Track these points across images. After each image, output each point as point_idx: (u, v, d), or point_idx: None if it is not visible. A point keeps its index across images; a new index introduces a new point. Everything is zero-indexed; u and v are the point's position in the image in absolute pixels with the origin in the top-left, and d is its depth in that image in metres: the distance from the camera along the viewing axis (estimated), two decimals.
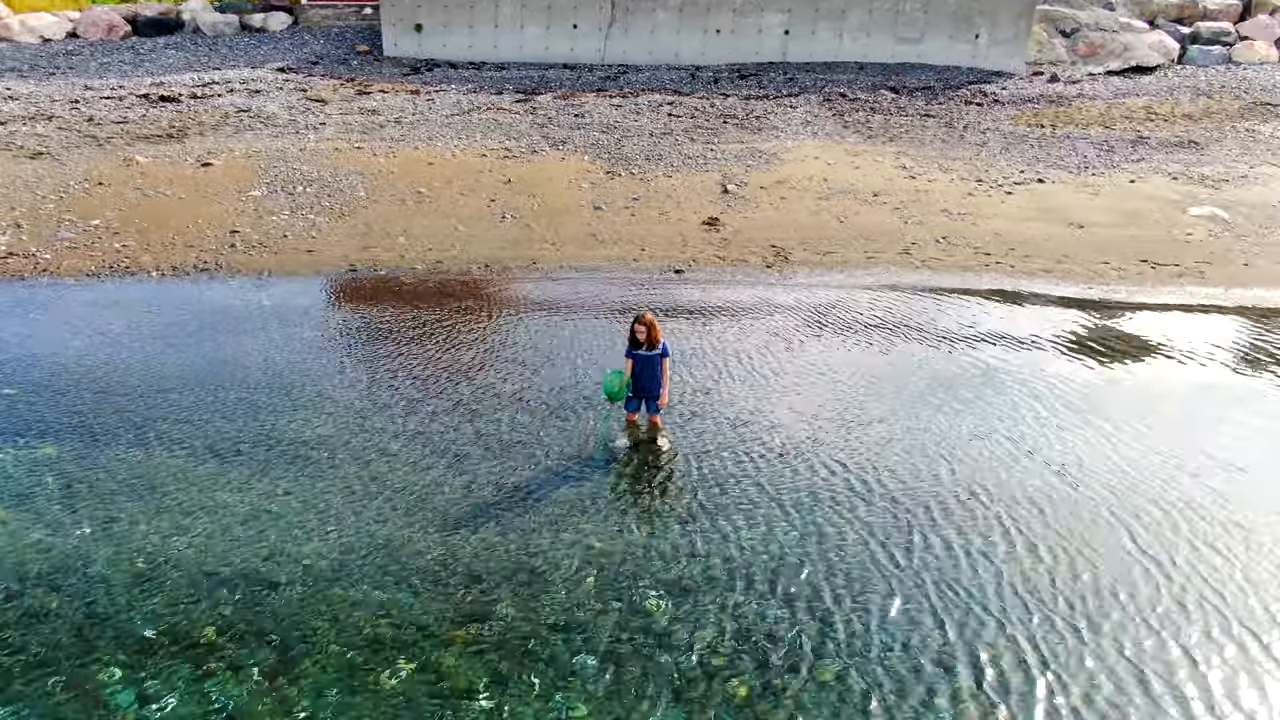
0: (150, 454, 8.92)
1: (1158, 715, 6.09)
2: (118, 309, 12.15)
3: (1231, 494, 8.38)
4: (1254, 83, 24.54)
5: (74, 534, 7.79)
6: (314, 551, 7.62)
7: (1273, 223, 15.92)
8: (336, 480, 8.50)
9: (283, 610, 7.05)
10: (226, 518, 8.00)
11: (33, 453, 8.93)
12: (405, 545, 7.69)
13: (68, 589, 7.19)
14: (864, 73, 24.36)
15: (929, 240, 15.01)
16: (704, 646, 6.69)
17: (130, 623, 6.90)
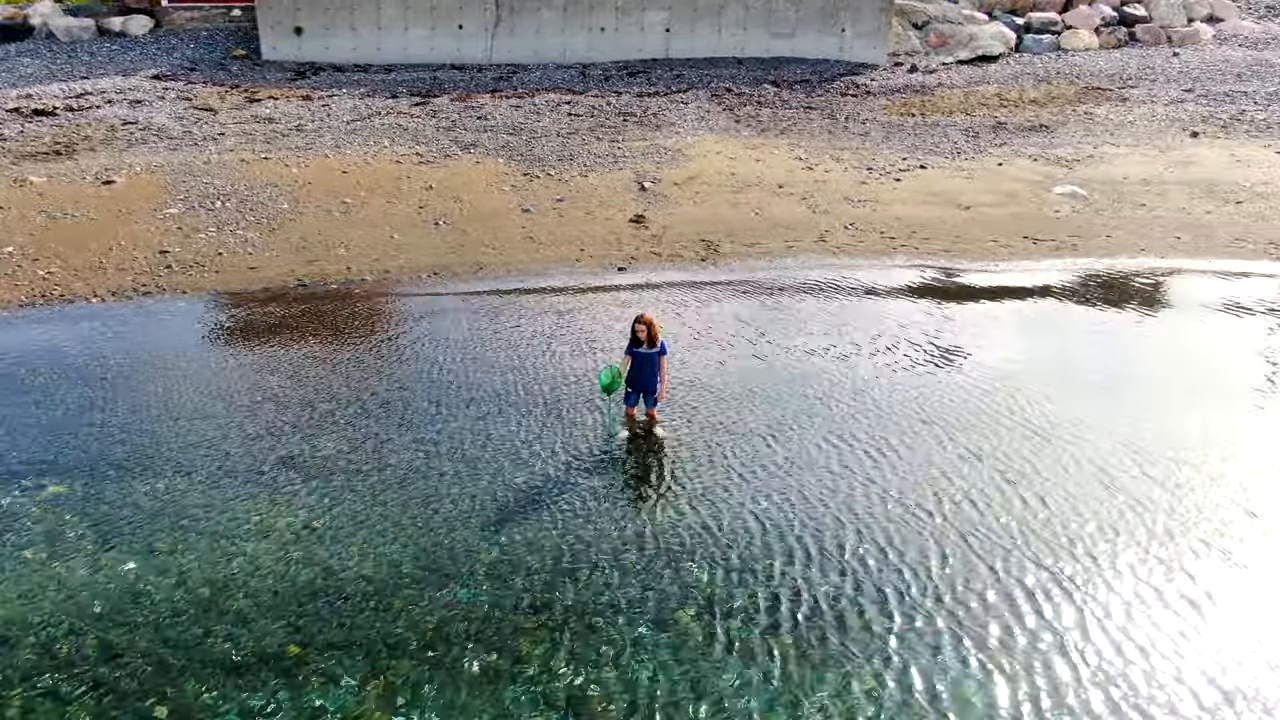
0: (175, 481, 8.98)
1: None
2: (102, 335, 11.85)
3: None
4: (1083, 68, 27.22)
5: (122, 569, 7.85)
6: (369, 563, 7.98)
7: (1122, 198, 18.02)
8: (369, 494, 8.84)
9: (356, 619, 7.42)
10: (274, 539, 8.22)
11: (42, 491, 8.84)
12: (456, 548, 8.15)
13: (138, 623, 7.31)
14: (743, 67, 25.58)
15: (839, 227, 16.26)
16: (748, 605, 7.52)
17: (213, 648, 7.11)
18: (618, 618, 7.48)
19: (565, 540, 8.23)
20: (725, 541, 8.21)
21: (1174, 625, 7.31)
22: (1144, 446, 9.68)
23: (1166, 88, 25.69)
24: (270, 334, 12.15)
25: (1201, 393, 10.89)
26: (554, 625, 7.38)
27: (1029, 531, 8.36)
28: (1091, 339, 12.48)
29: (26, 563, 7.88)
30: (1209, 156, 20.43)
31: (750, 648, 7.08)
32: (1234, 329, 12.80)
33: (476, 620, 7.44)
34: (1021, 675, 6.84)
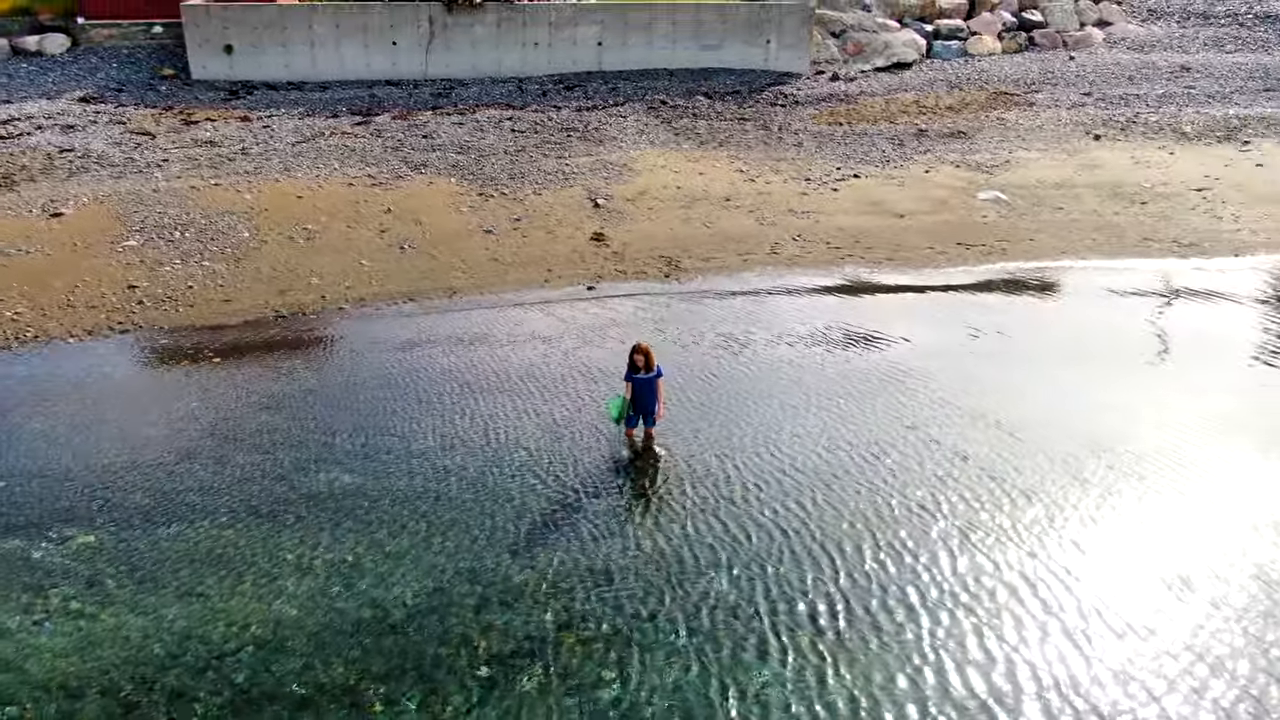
0: (202, 524, 9.21)
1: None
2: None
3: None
4: (990, 74, 28.82)
5: (172, 613, 8.11)
6: (409, 591, 8.42)
7: (1040, 202, 19.39)
8: (396, 527, 9.26)
9: (406, 647, 7.87)
10: (315, 575, 8.58)
11: (71, 542, 8.97)
12: (487, 572, 8.65)
13: (199, 666, 7.60)
14: (675, 78, 26.31)
15: (787, 239, 17.14)
16: (769, 612, 8.24)
17: (277, 684, 7.47)
18: (650, 626, 8.12)
19: (587, 557, 8.82)
20: (738, 543, 8.94)
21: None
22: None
23: (1067, 91, 27.45)
24: (271, 367, 12.36)
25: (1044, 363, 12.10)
26: (593, 638, 7.98)
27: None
28: (1008, 329, 13.62)
29: (76, 614, 8.08)
30: (1111, 159, 22.06)
31: (775, 646, 7.81)
32: (1129, 317, 14.14)
33: (519, 638, 7.98)
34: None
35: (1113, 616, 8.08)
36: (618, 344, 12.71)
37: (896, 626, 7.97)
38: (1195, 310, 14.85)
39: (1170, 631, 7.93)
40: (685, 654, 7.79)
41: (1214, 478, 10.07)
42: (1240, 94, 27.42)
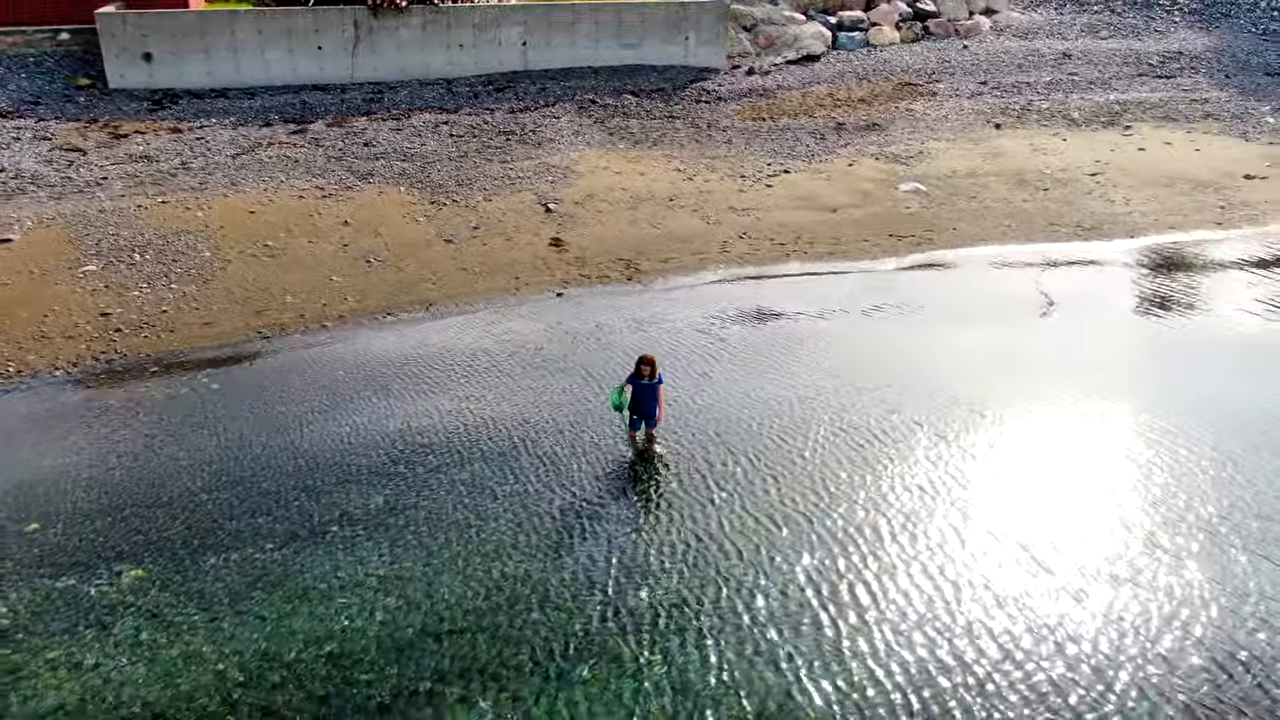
0: (246, 550, 9.62)
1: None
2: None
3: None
4: (893, 64, 30.38)
5: (242, 636, 8.58)
6: (460, 597, 9.09)
7: (956, 191, 20.92)
8: (434, 537, 9.87)
9: (470, 649, 8.56)
10: (366, 588, 9.15)
11: (123, 577, 9.29)
12: (526, 573, 9.38)
13: (279, 683, 8.12)
14: (599, 77, 26.91)
15: (734, 237, 18.14)
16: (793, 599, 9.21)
17: (356, 694, 8.07)
18: (686, 612, 9.01)
19: (616, 555, 9.64)
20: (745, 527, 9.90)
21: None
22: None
23: (965, 81, 29.21)
24: (273, 388, 12.65)
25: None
26: (635, 628, 8.82)
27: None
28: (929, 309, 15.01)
29: (149, 644, 8.47)
30: (1012, 147, 23.81)
31: (791, 620, 8.81)
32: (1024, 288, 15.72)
33: (569, 635, 8.76)
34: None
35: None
36: (605, 346, 13.54)
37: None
38: (1086, 284, 16.54)
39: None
40: (719, 634, 8.74)
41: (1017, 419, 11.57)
42: (1118, 79, 29.71)
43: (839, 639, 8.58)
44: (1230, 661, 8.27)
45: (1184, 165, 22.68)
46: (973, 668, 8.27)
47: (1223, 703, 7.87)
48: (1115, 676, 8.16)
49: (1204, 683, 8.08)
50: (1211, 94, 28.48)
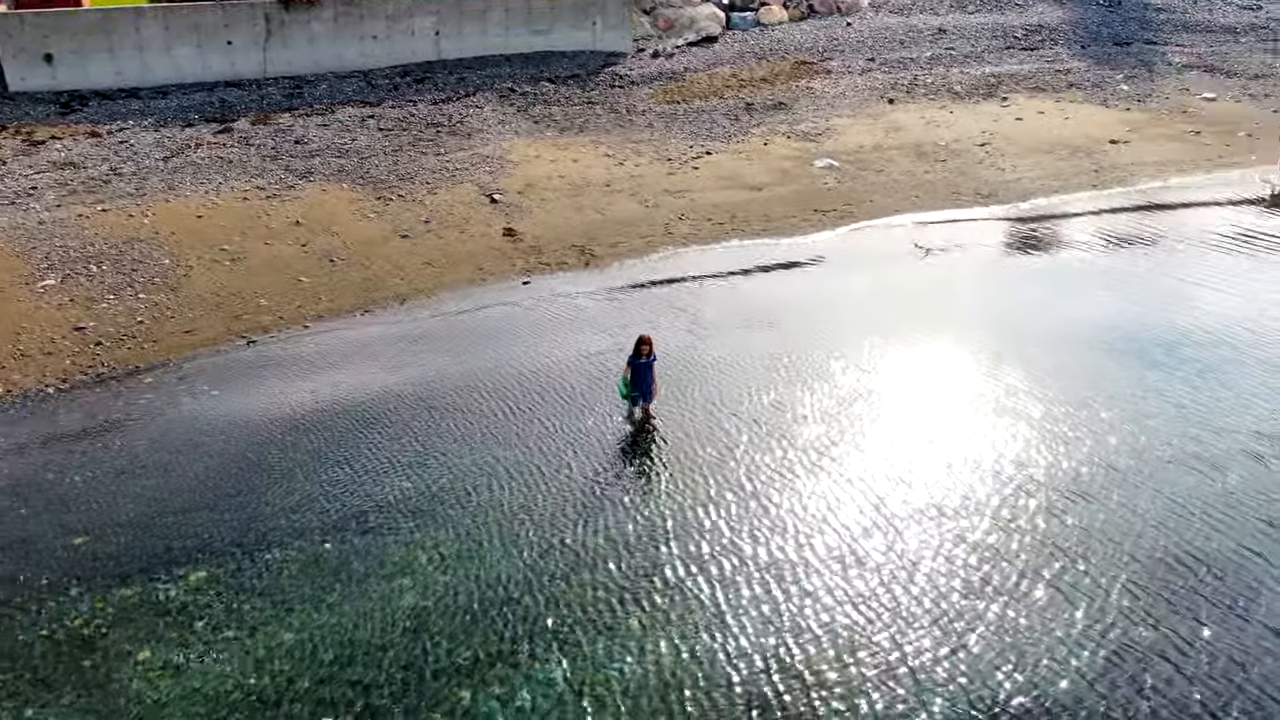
0: (298, 545, 10.21)
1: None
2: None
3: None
4: (786, 43, 31.88)
5: (318, 623, 9.24)
6: (510, 570, 9.98)
7: (865, 165, 22.55)
8: (471, 518, 10.68)
9: (532, 613, 9.48)
10: (422, 570, 9.92)
11: (188, 579, 9.76)
12: (567, 544, 10.33)
13: (366, 659, 8.86)
14: (512, 64, 27.37)
15: (675, 219, 19.22)
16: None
17: (441, 660, 8.89)
18: (712, 570, 10.16)
19: (643, 518, 10.70)
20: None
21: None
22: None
23: (854, 58, 30.97)
24: (284, 390, 13.04)
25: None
26: (673, 583, 9.92)
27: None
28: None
29: (231, 639, 9.05)
30: (907, 121, 25.65)
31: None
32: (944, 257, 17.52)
33: (613, 591, 9.78)
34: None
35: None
36: (591, 331, 14.49)
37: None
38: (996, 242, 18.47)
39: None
40: (734, 582, 9.94)
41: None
42: (990, 53, 32.06)
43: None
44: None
45: (1058, 133, 25.00)
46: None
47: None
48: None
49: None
50: (1072, 64, 31.13)
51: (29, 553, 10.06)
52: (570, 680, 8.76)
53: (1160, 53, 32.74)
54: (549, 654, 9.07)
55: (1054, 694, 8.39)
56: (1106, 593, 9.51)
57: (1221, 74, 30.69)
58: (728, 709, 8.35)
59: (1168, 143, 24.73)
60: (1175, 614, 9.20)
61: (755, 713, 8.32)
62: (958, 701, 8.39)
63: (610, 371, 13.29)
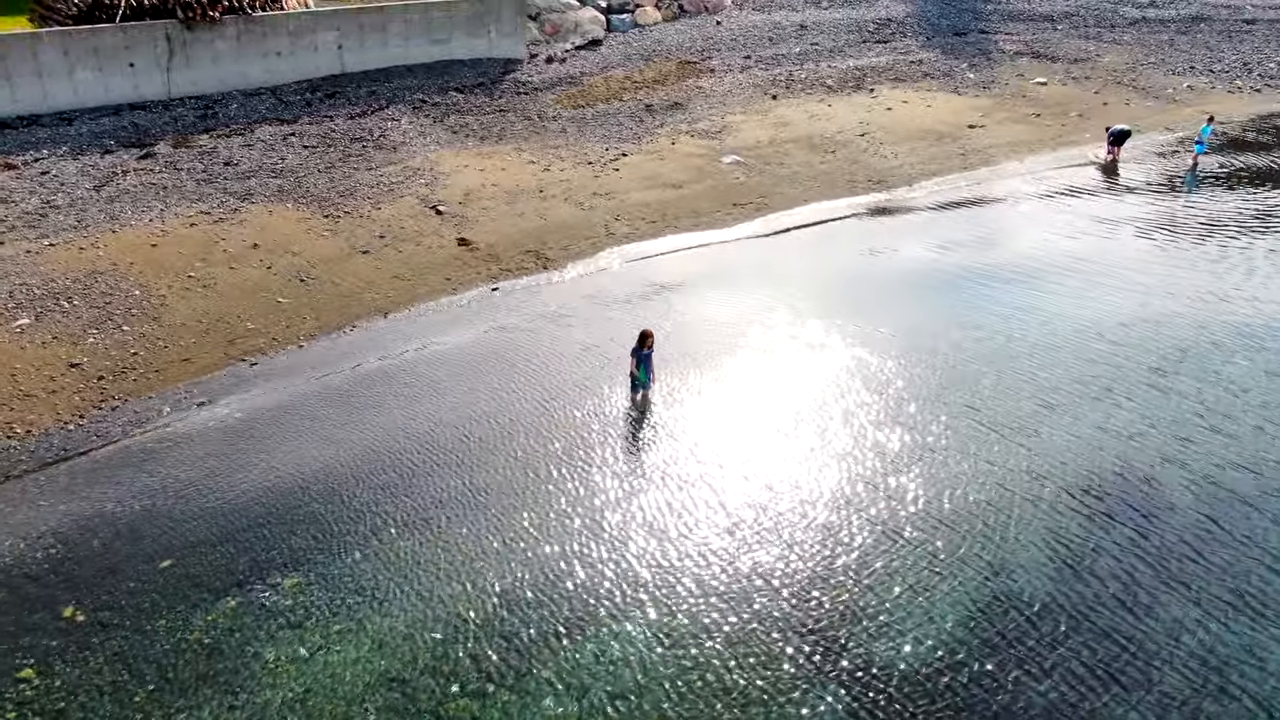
0: (383, 549, 11.19)
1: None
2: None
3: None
4: (666, 44, 33.66)
5: (419, 612, 10.32)
6: (584, 535, 11.31)
7: (766, 160, 24.58)
8: (539, 500, 11.93)
9: (620, 567, 10.89)
10: (510, 552, 11.12)
11: (284, 583, 10.59)
12: (619, 499, 11.73)
13: (487, 634, 10.05)
14: (415, 75, 27.90)
15: (612, 220, 20.64)
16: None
17: (571, 617, 10.18)
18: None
19: (672, 464, 12.25)
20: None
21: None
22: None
23: (731, 56, 33.09)
24: (312, 406, 13.72)
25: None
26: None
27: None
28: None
29: (346, 631, 10.03)
30: (793, 116, 27.89)
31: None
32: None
33: (671, 530, 11.32)
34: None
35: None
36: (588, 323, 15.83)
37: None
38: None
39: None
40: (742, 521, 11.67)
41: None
42: (850, 47, 34.88)
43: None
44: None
45: (924, 121, 27.84)
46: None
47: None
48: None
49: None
50: (922, 55, 34.32)
51: (121, 580, 10.63)
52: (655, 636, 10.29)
53: (994, 41, 36.46)
54: (635, 611, 10.52)
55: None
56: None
57: (1047, 59, 34.58)
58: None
59: (1015, 125, 27.99)
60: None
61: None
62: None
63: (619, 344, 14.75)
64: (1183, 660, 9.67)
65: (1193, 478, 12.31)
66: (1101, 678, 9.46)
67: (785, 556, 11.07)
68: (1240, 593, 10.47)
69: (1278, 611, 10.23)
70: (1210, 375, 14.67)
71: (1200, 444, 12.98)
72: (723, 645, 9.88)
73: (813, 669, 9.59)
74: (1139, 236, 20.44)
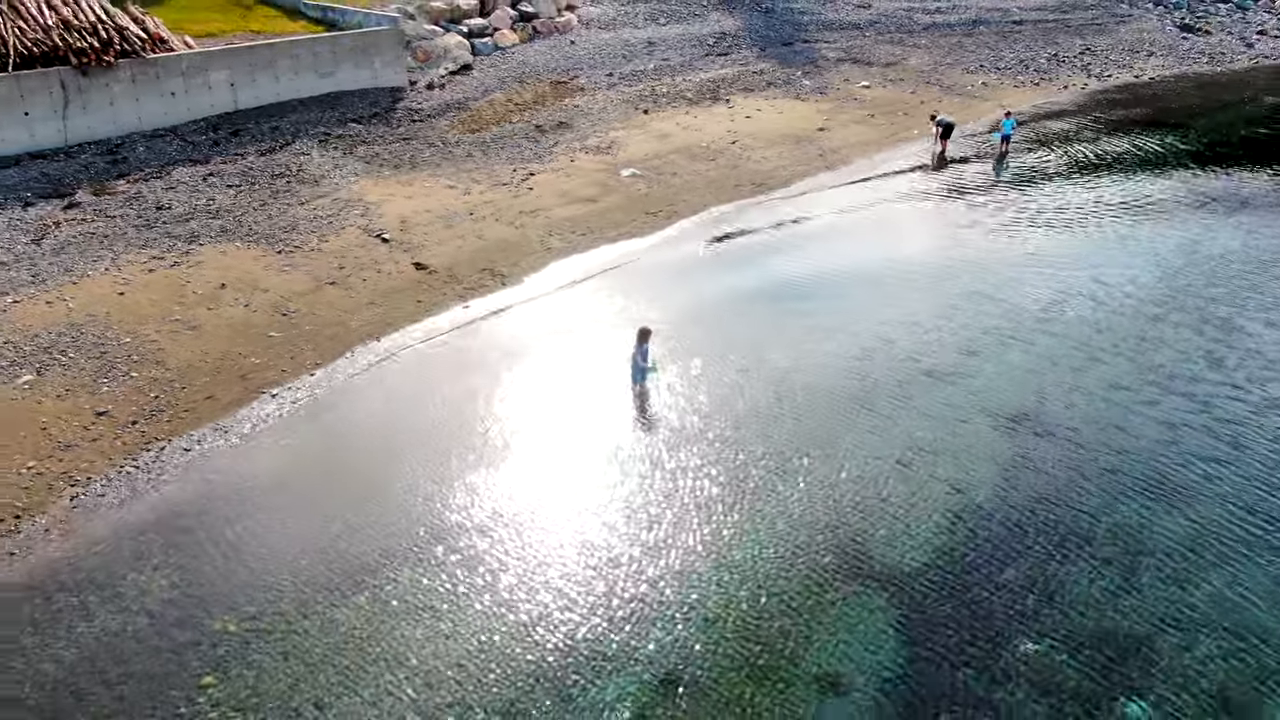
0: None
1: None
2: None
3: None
4: (531, 65, 35.58)
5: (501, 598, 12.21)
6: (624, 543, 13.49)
7: (660, 171, 27.16)
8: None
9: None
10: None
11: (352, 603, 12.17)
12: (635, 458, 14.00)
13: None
14: (308, 109, 28.44)
15: (547, 235, 22.62)
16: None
17: (628, 606, 12.33)
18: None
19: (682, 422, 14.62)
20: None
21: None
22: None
23: (594, 74, 35.44)
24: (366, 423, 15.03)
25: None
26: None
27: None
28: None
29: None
30: (666, 128, 30.63)
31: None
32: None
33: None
34: None
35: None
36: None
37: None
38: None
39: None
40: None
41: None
42: (697, 60, 38.05)
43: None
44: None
45: (780, 126, 31.31)
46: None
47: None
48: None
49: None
50: (761, 65, 37.98)
51: (267, 588, 11.90)
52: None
53: (817, 50, 40.71)
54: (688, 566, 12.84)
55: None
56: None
57: (864, 64, 39.12)
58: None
59: (856, 126, 31.99)
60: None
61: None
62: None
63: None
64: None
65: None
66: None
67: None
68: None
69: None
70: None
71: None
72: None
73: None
74: (977, 208, 24.60)
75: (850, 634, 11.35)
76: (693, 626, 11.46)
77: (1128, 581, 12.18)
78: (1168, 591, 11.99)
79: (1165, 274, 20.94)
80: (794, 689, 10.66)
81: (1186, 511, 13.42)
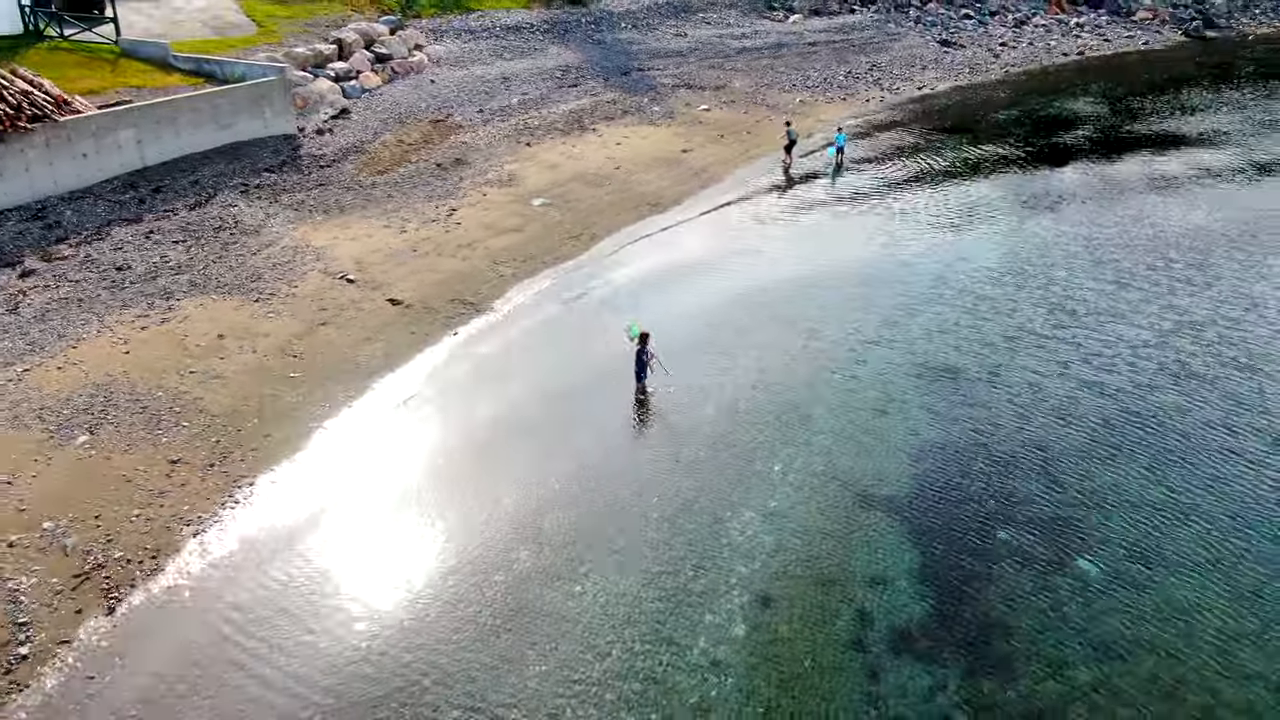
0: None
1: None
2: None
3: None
4: (403, 105, 37.14)
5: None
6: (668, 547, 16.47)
7: (565, 198, 29.93)
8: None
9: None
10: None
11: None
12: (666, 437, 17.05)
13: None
14: (212, 161, 28.75)
15: (495, 264, 24.92)
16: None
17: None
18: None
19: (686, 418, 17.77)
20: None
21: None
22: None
23: (465, 110, 37.53)
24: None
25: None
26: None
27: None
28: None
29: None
30: (552, 158, 33.40)
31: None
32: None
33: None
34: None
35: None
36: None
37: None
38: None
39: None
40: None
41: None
42: (553, 93, 40.91)
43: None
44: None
45: (649, 151, 34.86)
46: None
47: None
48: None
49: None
50: (611, 95, 41.40)
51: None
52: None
53: (653, 78, 44.65)
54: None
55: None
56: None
57: (698, 89, 43.47)
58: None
59: (713, 146, 36.10)
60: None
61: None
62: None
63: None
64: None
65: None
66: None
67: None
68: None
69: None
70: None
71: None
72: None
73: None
74: (826, 207, 29.26)
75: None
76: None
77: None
78: (1049, 482, 16.50)
79: (1004, 246, 26.31)
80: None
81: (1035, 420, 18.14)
